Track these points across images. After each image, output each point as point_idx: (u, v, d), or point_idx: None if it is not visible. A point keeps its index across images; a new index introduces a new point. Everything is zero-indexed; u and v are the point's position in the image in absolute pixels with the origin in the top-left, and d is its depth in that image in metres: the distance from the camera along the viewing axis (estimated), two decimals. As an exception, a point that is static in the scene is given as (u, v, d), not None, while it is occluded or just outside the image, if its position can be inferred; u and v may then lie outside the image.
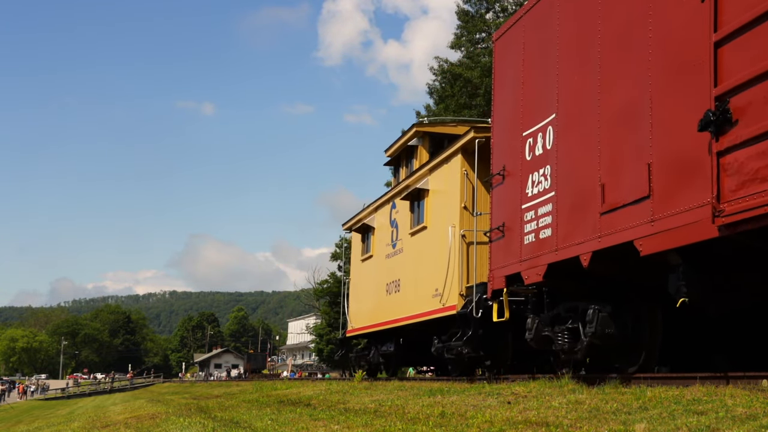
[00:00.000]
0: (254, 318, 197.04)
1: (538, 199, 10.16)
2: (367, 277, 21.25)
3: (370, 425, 8.59)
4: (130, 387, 76.44)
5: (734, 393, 6.93)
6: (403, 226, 18.15)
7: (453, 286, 14.76)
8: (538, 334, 10.57)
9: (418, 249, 17.00)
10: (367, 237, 21.58)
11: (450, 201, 15.36)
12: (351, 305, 23.06)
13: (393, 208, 19.13)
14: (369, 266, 21.08)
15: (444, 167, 15.90)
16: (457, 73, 41.20)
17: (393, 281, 18.61)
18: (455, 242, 14.85)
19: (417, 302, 16.59)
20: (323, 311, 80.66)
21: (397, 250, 18.58)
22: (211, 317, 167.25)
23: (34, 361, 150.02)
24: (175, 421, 12.85)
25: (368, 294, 20.91)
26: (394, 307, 18.24)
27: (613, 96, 8.69)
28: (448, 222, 15.23)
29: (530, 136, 10.52)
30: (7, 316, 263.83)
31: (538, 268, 10.00)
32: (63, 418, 29.54)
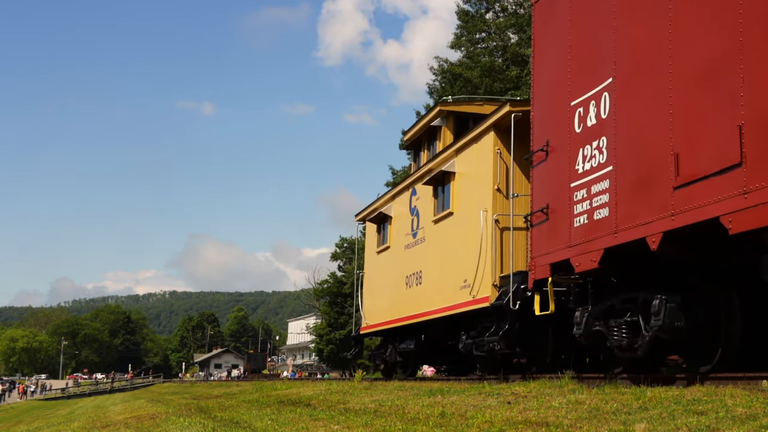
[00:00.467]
0: (254, 318, 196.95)
1: (591, 175, 9.10)
2: (383, 270, 20.00)
3: (370, 425, 8.60)
4: (130, 387, 76.40)
5: (734, 393, 6.93)
6: (426, 214, 16.93)
7: (485, 276, 13.59)
8: (588, 329, 9.54)
9: (443, 237, 15.82)
10: (383, 227, 20.34)
11: (481, 183, 14.20)
12: (365, 301, 21.59)
13: (413, 195, 17.93)
14: (385, 258, 19.85)
15: (473, 147, 14.71)
16: (457, 73, 41.18)
17: (413, 273, 17.41)
18: (487, 228, 13.68)
19: (442, 295, 15.43)
20: (323, 311, 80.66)
21: (418, 240, 17.38)
22: (211, 317, 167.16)
23: (34, 361, 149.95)
24: (175, 421, 12.86)
25: (385, 288, 19.66)
26: (415, 301, 17.05)
27: (691, 49, 7.57)
28: (479, 206, 14.04)
29: (580, 106, 9.48)
30: (7, 316, 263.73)
31: (592, 254, 8.93)
32: (63, 418, 29.54)
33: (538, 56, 11.10)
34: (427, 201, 16.82)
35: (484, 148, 14.18)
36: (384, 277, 19.78)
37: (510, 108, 13.23)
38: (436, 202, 16.35)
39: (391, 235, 19.46)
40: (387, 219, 19.81)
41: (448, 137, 17.06)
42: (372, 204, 21.08)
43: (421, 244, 17.08)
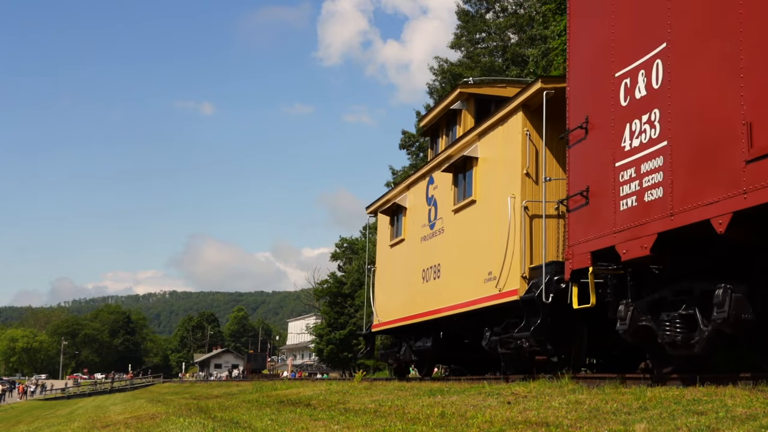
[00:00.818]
0: (254, 318, 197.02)
1: (640, 152, 8.26)
2: (397, 264, 19.04)
3: (370, 425, 8.59)
4: (130, 387, 76.40)
5: (734, 393, 6.93)
6: (444, 203, 15.99)
7: (513, 267, 12.69)
8: (634, 324, 8.68)
9: (465, 227, 14.90)
10: (397, 219, 19.35)
11: (508, 168, 13.26)
12: (377, 297, 20.56)
13: (430, 184, 16.96)
14: (399, 252, 18.90)
15: (499, 130, 13.77)
16: (457, 73, 41.23)
17: (431, 267, 16.47)
18: (515, 216, 12.76)
19: (463, 289, 14.57)
20: (323, 311, 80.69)
21: (435, 231, 16.41)
22: (211, 317, 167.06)
23: (34, 361, 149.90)
24: (175, 421, 12.87)
25: (399, 283, 18.71)
26: (433, 296, 16.13)
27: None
28: (506, 192, 13.12)
29: (626, 77, 8.64)
30: (7, 316, 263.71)
31: (642, 240, 8.07)
32: (63, 418, 29.59)
33: (575, 26, 10.26)
34: (447, 189, 15.93)
35: (512, 129, 13.25)
36: (398, 271, 18.91)
37: (542, 85, 12.25)
38: (457, 191, 15.47)
39: (405, 227, 18.55)
40: (401, 210, 18.86)
41: (469, 121, 16.19)
42: (385, 195, 20.27)
43: (440, 235, 16.18)
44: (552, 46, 28.55)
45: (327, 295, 78.75)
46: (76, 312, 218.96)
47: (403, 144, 59.14)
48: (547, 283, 11.50)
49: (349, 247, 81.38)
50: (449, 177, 15.78)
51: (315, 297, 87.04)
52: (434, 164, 16.67)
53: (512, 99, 13.25)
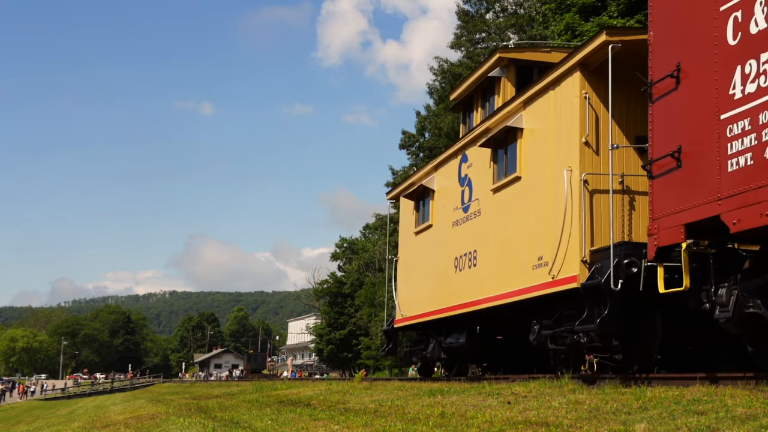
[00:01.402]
0: (254, 318, 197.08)
1: (758, 99, 6.98)
2: (423, 252, 17.47)
3: (370, 425, 8.59)
4: (130, 387, 76.38)
5: (734, 393, 6.93)
6: (481, 182, 14.49)
7: (571, 250, 11.20)
8: (739, 311, 7.51)
9: (507, 208, 13.40)
10: (423, 204, 17.78)
11: (562, 138, 11.73)
12: (400, 289, 18.97)
13: (463, 162, 15.39)
14: (426, 239, 17.34)
15: (549, 95, 12.22)
16: (457, 73, 41.23)
17: (465, 254, 14.97)
18: (574, 191, 11.27)
19: (505, 278, 13.14)
20: (323, 311, 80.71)
21: (470, 214, 14.93)
22: (211, 317, 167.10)
23: (34, 361, 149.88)
24: (175, 421, 12.86)
25: (426, 274, 17.20)
26: (468, 286, 14.68)
27: None
28: (560, 165, 11.64)
29: (736, 9, 7.39)
30: (7, 316, 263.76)
31: (762, 206, 6.78)
32: (63, 418, 29.64)
33: None
34: (484, 167, 14.42)
35: (567, 93, 11.72)
36: (424, 260, 17.36)
37: (606, 38, 10.65)
38: (496, 168, 13.96)
39: (433, 211, 17.01)
40: (428, 193, 17.31)
41: (509, 90, 14.74)
42: (408, 178, 18.64)
43: (476, 218, 14.70)
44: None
45: (327, 295, 78.80)
46: (76, 312, 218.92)
47: (403, 144, 59.13)
48: (616, 267, 10.03)
49: (349, 247, 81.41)
50: (487, 153, 14.25)
51: (315, 297, 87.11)
52: (468, 140, 15.10)
53: (567, 58, 11.75)
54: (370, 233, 76.24)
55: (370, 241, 74.84)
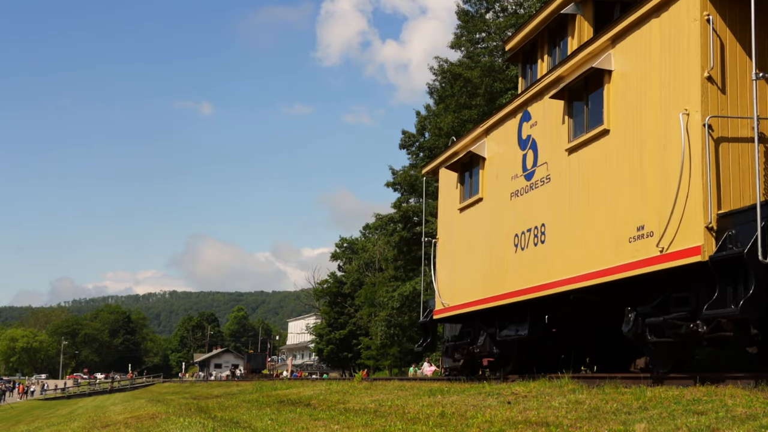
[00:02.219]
0: (254, 318, 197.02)
1: None
2: (471, 231, 15.27)
3: (370, 425, 8.59)
4: (130, 387, 76.39)
5: (734, 393, 6.94)
6: (551, 143, 12.36)
7: (689, 216, 9.13)
8: None
9: (589, 170, 11.24)
10: (470, 175, 15.46)
11: (673, 75, 9.62)
12: (440, 276, 16.65)
13: (525, 121, 13.29)
14: (475, 215, 15.14)
15: (651, 25, 10.09)
16: (457, 73, 41.18)
17: (528, 229, 12.86)
18: (693, 140, 9.21)
19: (588, 255, 11.01)
20: (323, 311, 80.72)
21: (535, 182, 12.77)
22: (211, 317, 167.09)
23: (34, 361, 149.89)
24: (175, 421, 12.85)
25: (474, 255, 14.98)
26: (532, 268, 12.62)
27: None
28: (672, 109, 9.58)
29: None
30: (7, 316, 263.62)
31: None
32: (63, 418, 29.60)
33: None
34: (554, 124, 12.28)
35: (680, 17, 9.60)
36: (472, 241, 15.14)
37: None
38: (573, 123, 11.81)
39: (484, 182, 14.78)
40: (477, 162, 15.04)
41: (586, 31, 12.64)
42: (450, 147, 16.29)
43: (542, 186, 12.53)
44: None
45: (327, 295, 78.84)
46: (76, 312, 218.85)
47: (403, 144, 59.15)
48: (765, 233, 8.20)
49: (349, 247, 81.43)
50: (559, 106, 12.08)
51: (315, 297, 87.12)
52: (531, 94, 12.96)
53: None
54: (370, 233, 76.27)
55: (370, 241, 74.86)
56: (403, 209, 57.91)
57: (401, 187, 57.36)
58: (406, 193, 58.41)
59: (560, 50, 13.30)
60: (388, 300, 55.43)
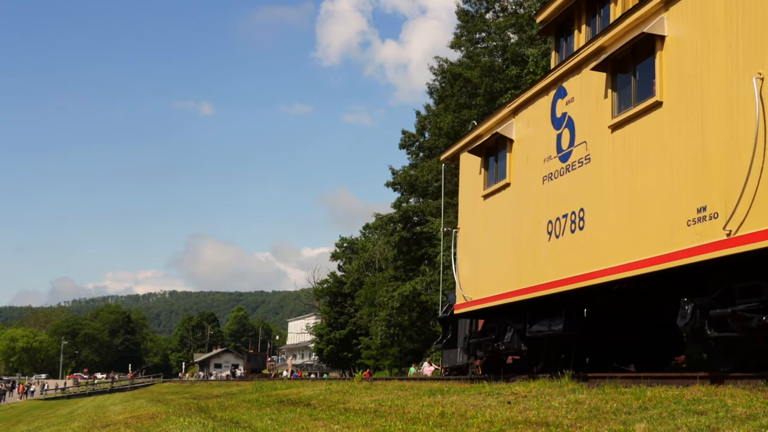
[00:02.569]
0: (254, 318, 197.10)
1: None
2: (496, 219, 14.16)
3: (370, 425, 8.59)
4: (130, 387, 76.42)
5: (734, 393, 6.93)
6: (590, 119, 11.34)
7: (766, 193, 8.20)
8: None
9: (637, 147, 10.25)
10: (496, 159, 14.36)
11: (744, 35, 8.65)
12: (462, 268, 15.51)
13: (559, 98, 12.24)
14: (501, 202, 14.02)
15: None
16: (457, 73, 41.21)
17: (564, 215, 11.80)
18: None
19: (637, 241, 10.03)
20: (323, 311, 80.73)
21: (572, 164, 11.75)
22: (211, 317, 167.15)
23: (34, 361, 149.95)
24: (175, 421, 12.84)
25: (500, 245, 13.88)
26: (569, 257, 11.55)
27: None
28: (742, 75, 8.61)
29: None
30: (7, 316, 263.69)
31: None
32: (63, 418, 29.59)
33: None
34: (594, 98, 11.31)
35: None
36: (498, 229, 14.06)
37: None
38: (617, 96, 10.86)
39: (511, 166, 13.69)
40: (503, 145, 13.96)
41: None
42: (473, 130, 15.21)
43: (581, 167, 11.52)
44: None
45: (327, 295, 78.87)
46: (76, 312, 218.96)
47: (403, 144, 59.17)
48: None
49: (349, 247, 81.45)
50: (600, 79, 11.11)
51: (315, 297, 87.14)
52: (567, 68, 11.93)
53: None
54: (370, 233, 76.30)
55: (370, 241, 74.89)
56: (403, 209, 58.00)
57: (401, 187, 57.42)
58: (406, 193, 58.47)
59: (601, 19, 12.28)
60: (388, 300, 55.45)
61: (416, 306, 54.03)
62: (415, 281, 54.34)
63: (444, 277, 50.65)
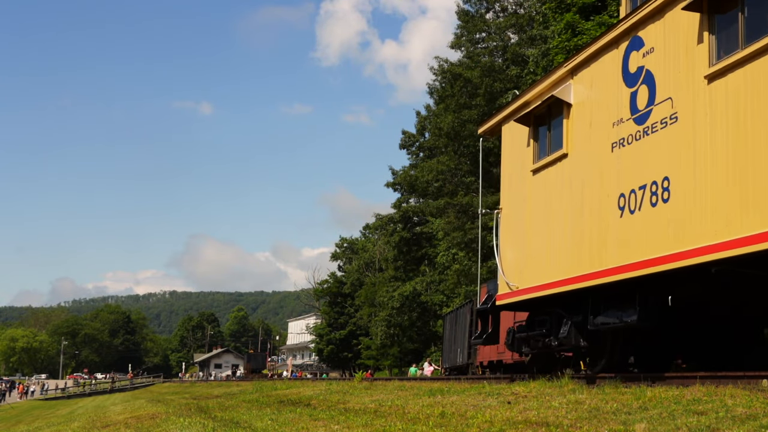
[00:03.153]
0: (254, 318, 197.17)
1: None
2: (549, 196, 12.26)
3: (370, 425, 8.59)
4: (130, 387, 76.43)
5: (734, 393, 6.94)
6: (677, 72, 9.69)
7: None
8: None
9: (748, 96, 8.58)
10: (548, 127, 12.50)
11: None
12: (505, 253, 13.61)
13: (634, 50, 10.54)
14: (556, 176, 12.12)
15: None
16: (457, 73, 41.23)
17: (641, 186, 10.10)
18: None
19: (747, 212, 8.34)
20: (323, 311, 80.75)
21: (651, 126, 10.06)
22: (211, 317, 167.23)
23: (34, 361, 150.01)
24: (175, 421, 12.85)
25: (555, 225, 12.00)
26: (648, 234, 9.84)
27: None
28: None
29: None
30: (7, 316, 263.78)
31: None
32: (63, 418, 29.60)
33: None
34: (683, 46, 9.64)
35: None
36: (552, 207, 12.19)
37: None
38: (716, 40, 9.22)
39: (569, 134, 11.84)
40: (558, 110, 12.19)
41: None
42: (518, 97, 13.38)
43: (665, 128, 9.89)
44: (552, 45, 28.54)
45: (327, 295, 78.89)
46: (76, 312, 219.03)
47: (404, 144, 59.22)
48: None
49: (349, 247, 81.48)
50: (692, 22, 9.45)
51: (315, 297, 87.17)
52: (645, 13, 10.27)
53: None
54: (370, 233, 76.33)
55: (370, 241, 74.92)
56: (403, 209, 58.04)
57: (401, 187, 57.47)
58: (406, 194, 58.51)
59: None
60: (388, 300, 55.50)
61: (416, 306, 54.07)
62: (415, 281, 54.40)
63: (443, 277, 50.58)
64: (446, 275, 46.78)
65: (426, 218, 54.25)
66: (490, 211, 15.04)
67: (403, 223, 58.83)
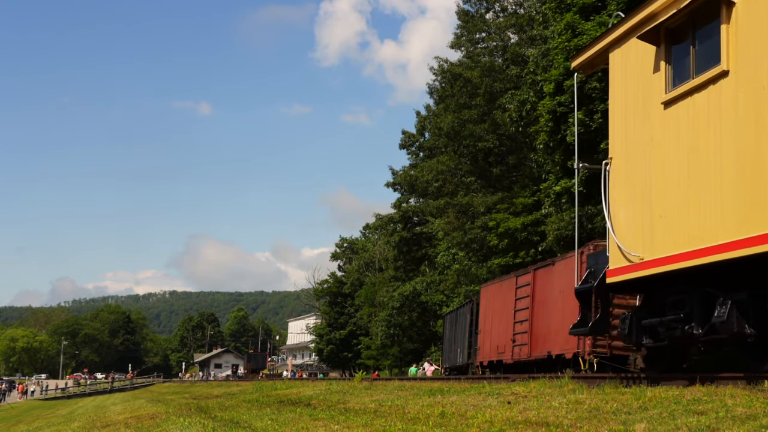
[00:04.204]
0: (254, 318, 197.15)
1: None
2: (698, 132, 8.85)
3: (370, 425, 8.59)
4: (130, 387, 76.43)
5: (734, 393, 6.94)
6: None
7: None
8: None
9: None
10: (692, 40, 9.13)
11: None
12: (618, 215, 10.29)
13: None
14: (707, 104, 8.76)
15: None
16: (457, 73, 41.21)
17: None
18: None
19: None
20: (323, 311, 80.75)
21: None
22: (211, 317, 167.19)
23: (34, 361, 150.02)
24: (175, 421, 12.84)
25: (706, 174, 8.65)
26: None
27: None
28: None
29: None
30: (7, 316, 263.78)
31: None
32: (63, 418, 29.59)
33: None
34: None
35: None
36: (699, 147, 8.84)
37: None
38: None
39: (730, 45, 8.52)
40: (712, 13, 8.81)
41: None
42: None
43: None
44: (552, 45, 28.53)
45: (327, 295, 78.89)
46: (76, 312, 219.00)
47: (403, 144, 59.21)
48: None
49: (349, 247, 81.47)
50: None
51: (315, 297, 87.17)
52: None
53: None
54: (370, 233, 76.35)
55: (370, 241, 74.94)
56: (403, 209, 58.03)
57: (401, 187, 57.46)
58: (406, 194, 58.50)
59: None
60: (388, 300, 55.50)
61: (416, 306, 54.04)
62: (415, 281, 54.39)
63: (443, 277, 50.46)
64: (446, 275, 46.81)
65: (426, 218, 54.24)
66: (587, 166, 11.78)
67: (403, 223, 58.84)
